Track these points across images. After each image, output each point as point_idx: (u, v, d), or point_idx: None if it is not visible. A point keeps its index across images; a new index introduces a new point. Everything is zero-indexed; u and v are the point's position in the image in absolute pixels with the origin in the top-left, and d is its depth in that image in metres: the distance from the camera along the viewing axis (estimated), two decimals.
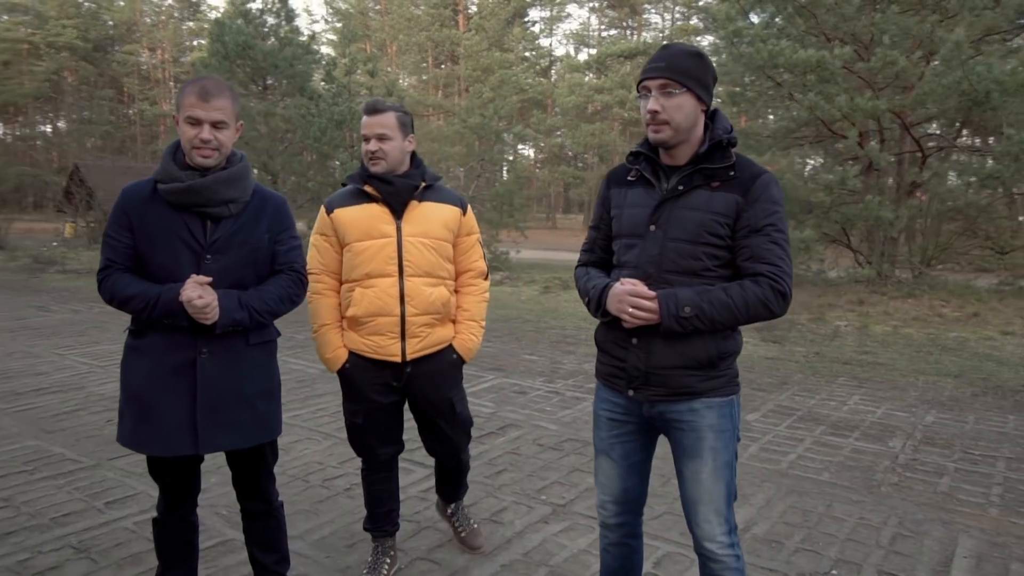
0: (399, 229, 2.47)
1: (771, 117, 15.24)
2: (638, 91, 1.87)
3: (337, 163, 17.50)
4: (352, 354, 2.55)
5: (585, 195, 44.38)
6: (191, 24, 57.33)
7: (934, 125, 13.31)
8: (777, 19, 11.63)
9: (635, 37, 46.09)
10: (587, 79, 42.36)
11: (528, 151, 46.83)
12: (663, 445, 2.02)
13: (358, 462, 2.83)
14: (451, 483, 2.91)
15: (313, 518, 3.28)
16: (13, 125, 53.84)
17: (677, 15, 45.89)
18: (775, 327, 8.34)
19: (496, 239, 17.42)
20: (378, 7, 49.04)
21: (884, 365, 6.67)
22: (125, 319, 2.21)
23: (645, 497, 2.11)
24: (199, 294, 2.01)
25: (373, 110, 2.46)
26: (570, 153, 47.50)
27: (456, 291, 2.65)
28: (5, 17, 50.32)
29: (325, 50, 30.04)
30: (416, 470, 3.84)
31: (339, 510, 3.36)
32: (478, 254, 2.68)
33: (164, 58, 56.51)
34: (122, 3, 55.49)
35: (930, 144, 12.68)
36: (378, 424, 2.62)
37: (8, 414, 4.90)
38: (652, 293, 1.77)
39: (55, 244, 23.08)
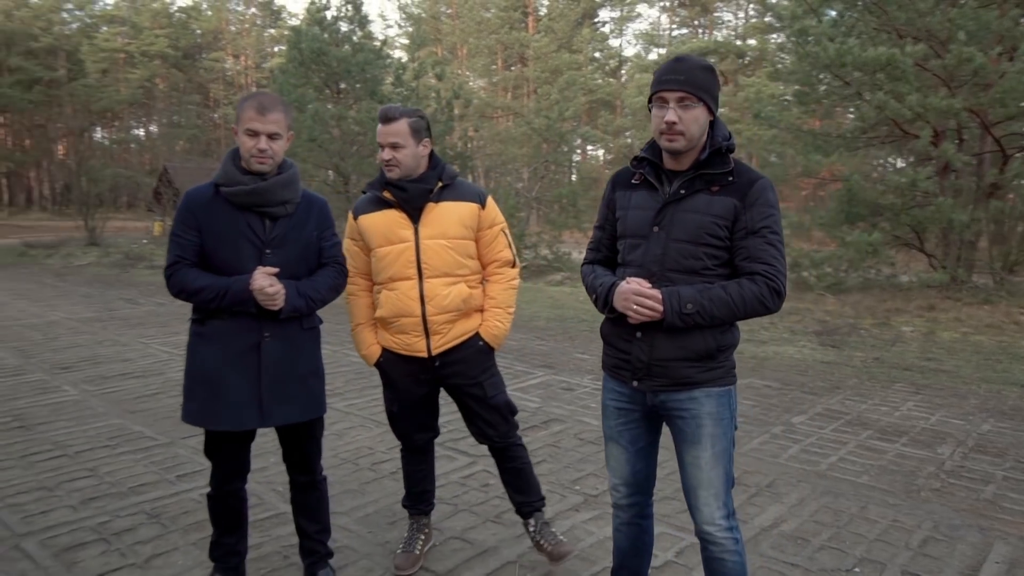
0: (416, 233, 2.58)
1: (850, 116, 14.80)
2: (650, 101, 1.99)
3: None
4: (385, 350, 2.73)
5: None
6: (272, 31, 59.79)
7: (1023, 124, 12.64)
8: (846, 16, 11.31)
9: (706, 36, 45.34)
10: None
11: (598, 152, 46.68)
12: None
13: (399, 452, 3.00)
14: (515, 484, 2.84)
15: (359, 497, 3.52)
16: (110, 129, 57.48)
17: (751, 13, 44.84)
18: (835, 332, 8.18)
19: (559, 239, 17.54)
20: (449, 11, 49.87)
21: (947, 372, 6.48)
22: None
23: (654, 479, 2.23)
24: (270, 283, 2.28)
25: (385, 118, 2.54)
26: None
27: (484, 280, 2.76)
28: (104, 28, 53.74)
29: (398, 54, 30.82)
30: (459, 458, 4.04)
31: (384, 491, 3.59)
32: (502, 244, 2.73)
33: (247, 64, 59.10)
34: (209, 13, 58.37)
35: None
36: (412, 412, 2.80)
37: (97, 395, 5.38)
38: (657, 293, 1.90)
39: (144, 241, 24.60)
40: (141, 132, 59.81)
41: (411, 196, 2.57)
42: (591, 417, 4.93)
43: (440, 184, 2.61)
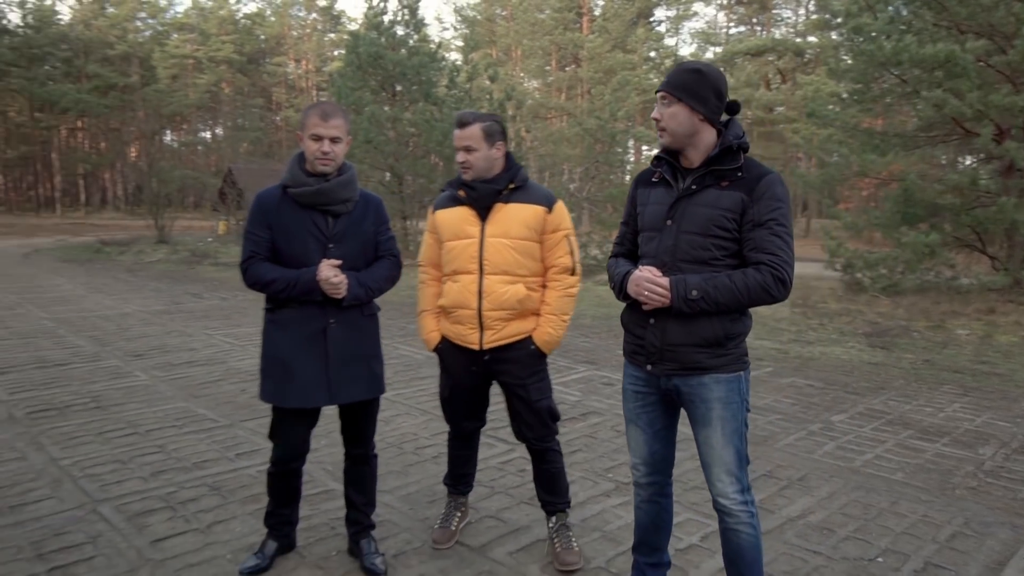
0: (483, 230, 2.71)
1: (913, 116, 14.40)
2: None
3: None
4: (444, 337, 2.89)
5: None
6: (332, 36, 61.33)
7: None
8: (903, 13, 11.05)
9: (764, 33, 44.47)
10: None
11: (652, 152, 46.30)
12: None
13: (447, 435, 3.15)
14: (544, 483, 2.93)
15: (402, 478, 3.74)
16: (179, 133, 59.97)
17: (811, 9, 43.77)
18: (885, 333, 8.06)
19: (609, 239, 17.58)
20: (504, 13, 50.22)
21: (1000, 375, 6.34)
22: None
23: (673, 460, 2.37)
24: (334, 273, 2.55)
25: (460, 123, 2.68)
26: None
27: (543, 286, 2.84)
28: (175, 35, 56.07)
29: (453, 56, 31.28)
30: (498, 445, 4.23)
31: (425, 473, 3.81)
32: (564, 251, 2.76)
33: (308, 68, 60.79)
34: (272, 19, 60.25)
35: None
36: (462, 400, 2.95)
37: (165, 381, 5.77)
38: (665, 280, 2.04)
39: (210, 240, 25.66)
40: (207, 135, 62.31)
41: (480, 195, 2.72)
42: None
43: (512, 186, 2.72)
